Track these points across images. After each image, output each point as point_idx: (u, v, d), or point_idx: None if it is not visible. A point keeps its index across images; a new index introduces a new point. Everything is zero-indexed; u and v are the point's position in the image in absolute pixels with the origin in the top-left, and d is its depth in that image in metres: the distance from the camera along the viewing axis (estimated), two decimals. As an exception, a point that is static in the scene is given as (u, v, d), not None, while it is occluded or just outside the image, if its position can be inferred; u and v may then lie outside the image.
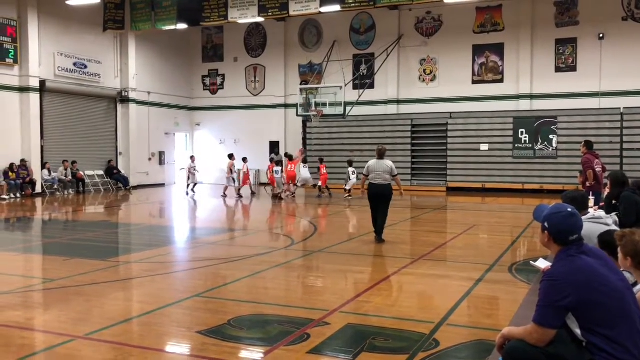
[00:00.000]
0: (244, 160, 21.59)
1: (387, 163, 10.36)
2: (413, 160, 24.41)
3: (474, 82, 24.86)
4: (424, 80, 25.76)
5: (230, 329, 5.36)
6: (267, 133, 28.32)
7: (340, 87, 25.39)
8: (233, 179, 21.20)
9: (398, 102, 26.03)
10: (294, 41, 28.15)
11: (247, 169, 21.57)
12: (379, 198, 10.35)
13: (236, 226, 14.46)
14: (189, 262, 9.33)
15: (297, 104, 26.48)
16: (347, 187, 20.34)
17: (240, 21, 22.69)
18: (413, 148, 24.56)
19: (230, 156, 21.49)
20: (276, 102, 28.43)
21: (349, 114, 25.66)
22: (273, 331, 5.32)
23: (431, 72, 25.60)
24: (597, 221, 5.33)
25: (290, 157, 21.01)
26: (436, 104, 24.97)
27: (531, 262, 4.66)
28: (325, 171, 21.80)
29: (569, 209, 3.25)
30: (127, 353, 4.82)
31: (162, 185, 28.05)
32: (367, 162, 10.61)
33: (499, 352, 3.32)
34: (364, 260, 8.98)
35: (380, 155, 10.48)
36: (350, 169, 20.59)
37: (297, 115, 26.58)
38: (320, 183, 21.60)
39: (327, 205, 18.34)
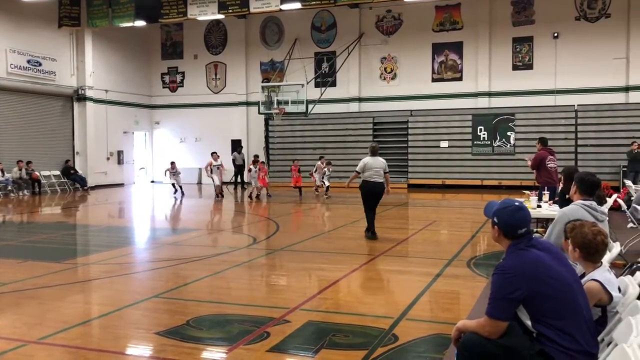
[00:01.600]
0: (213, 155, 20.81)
1: (382, 160, 10.36)
2: (375, 157, 24.55)
3: (433, 80, 25.21)
4: (384, 79, 25.97)
5: (190, 329, 5.31)
6: (229, 131, 28.11)
7: (302, 85, 25.43)
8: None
9: (360, 100, 26.18)
10: (255, 38, 28.00)
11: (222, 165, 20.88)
12: (377, 195, 10.39)
13: (198, 226, 14.31)
14: (149, 262, 9.18)
15: (259, 101, 26.42)
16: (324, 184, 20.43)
17: (200, 18, 22.45)
18: (375, 145, 24.71)
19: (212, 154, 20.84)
20: (237, 99, 28.24)
21: (311, 112, 25.72)
22: (233, 330, 5.28)
23: (392, 70, 25.83)
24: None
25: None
26: (397, 101, 25.23)
27: None
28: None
29: (517, 203, 3.33)
30: (83, 356, 4.72)
31: (121, 185, 27.54)
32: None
33: (454, 345, 3.38)
34: (325, 257, 9.00)
35: (374, 152, 10.44)
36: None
37: (259, 113, 26.49)
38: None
39: (300, 205, 18.33)
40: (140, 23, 22.60)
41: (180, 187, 21.11)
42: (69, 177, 24.49)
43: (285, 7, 20.76)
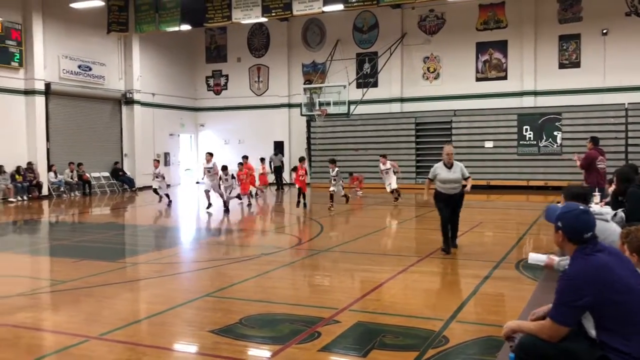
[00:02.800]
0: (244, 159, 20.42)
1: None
2: (417, 158, 24.42)
3: (477, 79, 24.87)
4: (427, 78, 25.77)
5: (242, 327, 5.42)
6: (272, 133, 28.38)
7: (344, 86, 25.47)
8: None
9: (402, 100, 26.05)
10: (297, 41, 28.21)
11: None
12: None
13: (243, 226, 14.52)
14: (197, 262, 9.39)
15: (301, 103, 26.57)
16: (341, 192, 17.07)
17: (244, 22, 22.76)
18: (417, 146, 24.58)
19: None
20: (280, 101, 28.49)
21: (353, 113, 25.72)
22: (284, 330, 5.38)
23: (434, 70, 25.62)
24: (598, 217, 5.35)
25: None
26: (440, 101, 24.99)
27: (529, 261, 4.70)
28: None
29: (581, 207, 3.28)
30: (141, 352, 4.89)
31: (168, 186, 28.10)
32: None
33: (506, 341, 3.37)
34: (371, 258, 9.03)
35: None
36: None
37: (301, 114, 26.65)
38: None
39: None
40: (186, 27, 23.04)
41: (167, 195, 19.19)
42: (118, 179, 25.20)
43: (327, 8, 20.83)
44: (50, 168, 22.28)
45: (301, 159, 18.21)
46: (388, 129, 25.00)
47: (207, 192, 17.23)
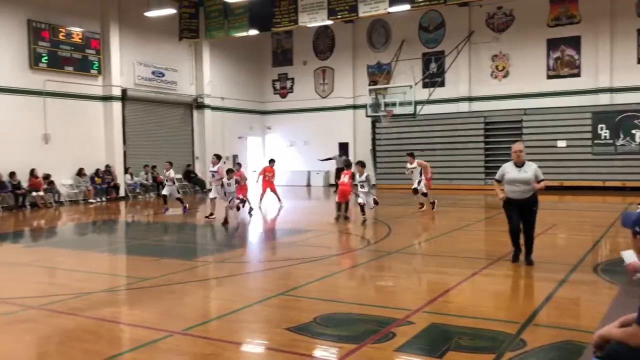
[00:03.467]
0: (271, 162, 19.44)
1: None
2: (486, 158, 23.93)
3: (548, 77, 24.13)
4: (496, 77, 25.24)
5: (317, 326, 5.55)
6: (337, 134, 28.57)
7: (410, 87, 25.34)
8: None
9: (470, 99, 25.63)
10: (362, 42, 28.28)
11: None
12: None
13: (312, 227, 14.71)
14: (269, 262, 9.63)
15: (366, 104, 26.63)
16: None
17: (310, 25, 23.04)
18: (486, 146, 24.10)
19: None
20: (345, 103, 28.66)
21: (419, 113, 25.52)
22: (359, 329, 5.47)
23: (504, 68, 25.05)
24: None
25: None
26: (509, 100, 24.43)
27: (621, 251, 4.58)
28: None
29: None
30: (222, 348, 5.10)
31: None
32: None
33: (598, 351, 3.31)
34: (442, 260, 8.98)
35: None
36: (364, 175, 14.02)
37: (367, 115, 26.69)
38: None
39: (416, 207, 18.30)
40: (254, 32, 23.58)
41: (180, 200, 17.48)
42: (190, 180, 26.07)
43: (393, 9, 20.78)
44: (126, 170, 23.35)
45: (347, 164, 15.90)
46: (455, 129, 24.64)
47: (212, 200, 15.66)
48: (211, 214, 15.34)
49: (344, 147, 27.68)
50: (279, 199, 18.61)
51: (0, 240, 13.01)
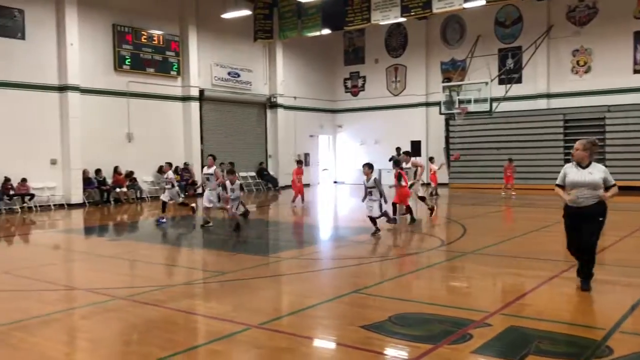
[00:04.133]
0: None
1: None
2: (566, 157, 22.96)
3: (635, 71, 22.89)
4: (577, 72, 24.19)
5: (392, 325, 5.54)
6: (409, 132, 28.27)
7: (486, 83, 24.75)
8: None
9: (548, 96, 24.71)
10: (435, 38, 27.86)
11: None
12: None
13: (383, 226, 14.65)
14: (341, 259, 9.69)
15: (439, 102, 26.22)
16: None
17: (382, 23, 22.92)
18: (566, 144, 23.14)
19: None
20: (417, 101, 28.33)
21: (495, 110, 24.86)
22: (434, 329, 5.42)
23: (585, 63, 23.97)
24: None
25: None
26: (591, 96, 23.35)
27: None
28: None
29: None
30: (298, 342, 5.20)
31: (307, 185, 29.13)
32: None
33: None
34: (519, 262, 8.73)
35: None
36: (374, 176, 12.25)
37: (440, 113, 26.28)
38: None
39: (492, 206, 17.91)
40: (326, 32, 23.73)
41: (183, 204, 15.84)
42: (263, 178, 26.61)
43: (468, 5, 20.33)
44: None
45: (396, 162, 14.48)
46: (533, 127, 23.84)
47: (207, 209, 13.95)
48: (207, 222, 13.65)
49: (416, 146, 27.33)
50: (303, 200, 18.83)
51: (88, 233, 13.79)
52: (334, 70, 31.13)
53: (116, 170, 20.99)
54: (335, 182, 31.30)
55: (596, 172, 6.59)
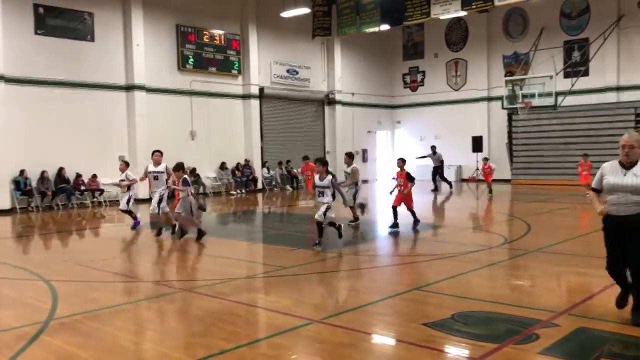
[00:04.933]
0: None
1: None
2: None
3: None
4: (650, 64, 23.04)
5: (455, 323, 5.47)
6: (469, 128, 27.71)
7: (550, 77, 23.95)
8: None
9: (618, 89, 23.66)
10: (497, 32, 27.17)
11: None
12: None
13: (446, 222, 14.46)
14: (401, 256, 9.62)
15: (502, 96, 25.57)
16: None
17: (443, 17, 22.53)
18: (637, 140, 22.09)
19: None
20: (478, 95, 27.74)
21: (561, 105, 24.02)
22: (499, 328, 5.31)
23: (659, 53, 22.79)
24: None
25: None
26: (666, 89, 22.20)
27: None
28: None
29: None
30: (360, 338, 5.21)
31: (366, 181, 29.06)
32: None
33: None
34: (587, 261, 8.41)
35: None
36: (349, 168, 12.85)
37: (502, 108, 25.64)
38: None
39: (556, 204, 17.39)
40: (385, 27, 23.56)
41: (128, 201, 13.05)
42: (321, 175, 26.72)
43: (532, -4, 19.72)
44: (263, 164, 24.48)
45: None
46: (601, 121, 22.89)
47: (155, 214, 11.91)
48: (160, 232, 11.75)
49: (477, 141, 26.75)
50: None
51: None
52: (393, 65, 30.88)
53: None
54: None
55: None
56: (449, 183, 22.99)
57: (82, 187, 19.17)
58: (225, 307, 6.33)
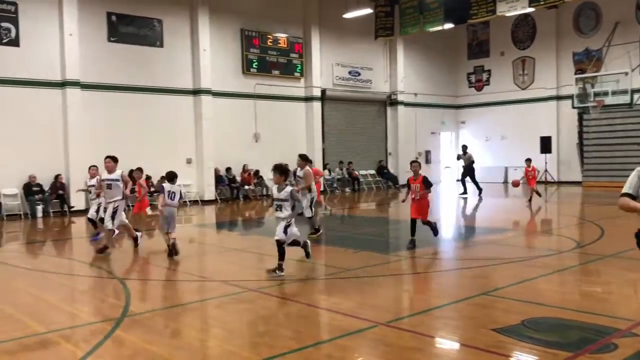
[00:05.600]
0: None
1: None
2: None
3: None
4: None
5: (525, 329, 5.29)
6: (537, 128, 26.81)
7: (625, 73, 22.90)
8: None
9: (700, 85, 22.32)
10: (567, 28, 26.18)
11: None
12: None
13: (512, 226, 14.06)
14: (468, 260, 9.41)
15: (572, 95, 24.64)
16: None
17: (509, 14, 21.95)
18: None
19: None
20: (547, 94, 26.82)
21: (637, 102, 22.89)
22: (572, 336, 5.10)
23: None
24: None
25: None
26: None
27: None
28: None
29: None
30: (427, 343, 5.13)
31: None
32: None
33: None
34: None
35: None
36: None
37: (573, 107, 24.71)
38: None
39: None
40: (449, 26, 23.18)
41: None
42: (382, 176, 26.59)
43: (606, -11, 18.88)
44: (324, 166, 24.57)
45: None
46: (681, 120, 21.66)
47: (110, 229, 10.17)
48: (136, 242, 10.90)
49: (546, 142, 25.84)
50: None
51: (219, 228, 14.58)
52: (457, 64, 30.33)
53: (244, 168, 22.01)
54: (458, 180, 30.44)
55: None
56: (479, 188, 21.26)
57: (152, 189, 19.83)
58: (290, 308, 6.38)
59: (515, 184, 17.93)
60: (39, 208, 17.43)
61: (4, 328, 5.89)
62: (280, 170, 8.51)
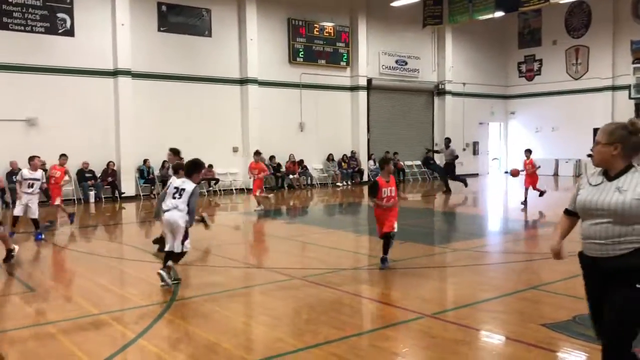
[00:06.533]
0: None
1: None
2: None
3: None
4: None
5: (577, 326, 5.15)
6: (591, 119, 25.88)
7: (687, 63, 21.81)
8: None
9: None
10: (625, 15, 25.14)
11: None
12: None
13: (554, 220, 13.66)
14: (512, 253, 9.21)
15: (629, 85, 23.70)
16: None
17: (563, 1, 21.26)
18: None
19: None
20: (602, 84, 25.86)
21: (698, 94, 21.87)
22: (627, 335, 4.91)
23: None
24: None
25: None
26: None
27: None
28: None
29: None
30: (474, 336, 5.05)
31: (476, 175, 28.18)
32: None
33: None
34: None
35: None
36: None
37: (630, 98, 23.77)
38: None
39: None
40: (499, 14, 22.61)
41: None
42: (428, 167, 26.26)
43: (668, -26, 18.01)
44: (369, 157, 24.46)
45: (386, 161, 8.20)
46: None
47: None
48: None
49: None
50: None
51: (265, 216, 14.72)
52: (507, 53, 29.58)
53: (289, 158, 22.12)
54: (506, 172, 29.80)
55: (632, 190, 3.25)
56: (463, 181, 19.78)
57: (207, 177, 20.20)
58: (335, 297, 6.39)
59: (515, 174, 15.75)
60: (92, 194, 17.99)
61: (61, 308, 6.12)
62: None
